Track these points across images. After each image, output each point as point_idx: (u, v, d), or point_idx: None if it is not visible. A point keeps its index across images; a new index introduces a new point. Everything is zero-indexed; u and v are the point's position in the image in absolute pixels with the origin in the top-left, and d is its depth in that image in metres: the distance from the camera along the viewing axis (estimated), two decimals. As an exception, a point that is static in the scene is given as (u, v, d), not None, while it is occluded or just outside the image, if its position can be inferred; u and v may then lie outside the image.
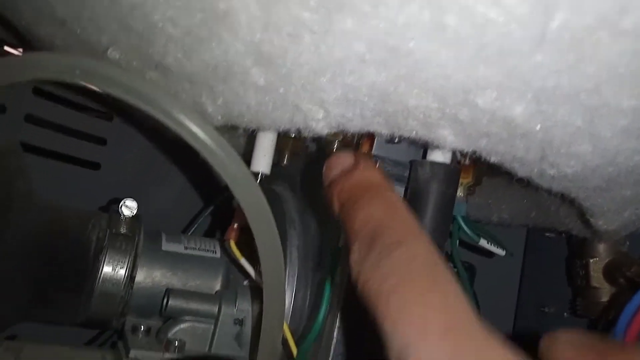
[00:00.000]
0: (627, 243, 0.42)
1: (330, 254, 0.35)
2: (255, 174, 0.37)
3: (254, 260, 0.40)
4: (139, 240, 0.43)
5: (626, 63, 0.18)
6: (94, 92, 0.28)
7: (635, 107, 0.20)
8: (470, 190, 0.38)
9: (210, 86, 0.25)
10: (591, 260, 0.42)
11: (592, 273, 0.42)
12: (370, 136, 0.35)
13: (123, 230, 0.42)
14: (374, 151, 0.34)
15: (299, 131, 0.25)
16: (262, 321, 0.34)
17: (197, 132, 0.27)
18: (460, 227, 0.37)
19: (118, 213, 0.43)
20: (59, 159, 0.53)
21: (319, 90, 0.22)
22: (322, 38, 0.20)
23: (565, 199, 0.38)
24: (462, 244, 0.40)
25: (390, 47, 0.20)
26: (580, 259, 0.44)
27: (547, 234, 0.56)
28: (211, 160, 0.28)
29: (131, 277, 0.41)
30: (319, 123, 0.24)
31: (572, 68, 0.19)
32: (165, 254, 0.44)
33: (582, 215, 0.33)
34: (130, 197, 0.43)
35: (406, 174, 0.36)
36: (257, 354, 0.35)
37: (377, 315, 0.18)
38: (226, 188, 0.36)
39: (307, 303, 0.41)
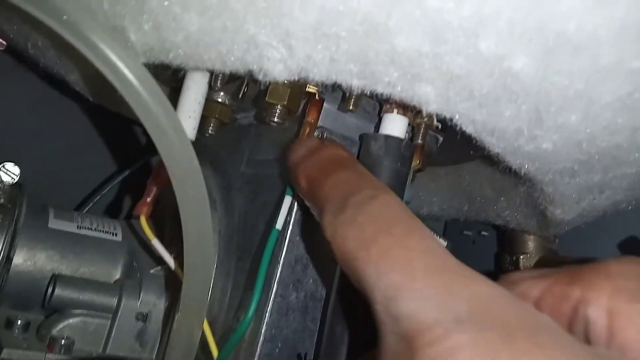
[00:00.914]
0: (557, 241, 0.42)
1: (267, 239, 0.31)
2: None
3: (165, 242, 0.34)
4: (19, 213, 0.37)
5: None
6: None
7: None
8: (413, 176, 0.35)
9: (136, 4, 0.19)
10: (521, 257, 0.42)
11: (522, 269, 0.42)
12: (318, 104, 0.31)
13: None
14: (320, 122, 0.30)
15: (249, 74, 0.20)
16: (179, 316, 0.28)
17: (117, 64, 0.21)
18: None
19: None
20: None
21: (286, 16, 0.17)
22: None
23: (511, 190, 0.36)
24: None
25: (385, -35, 0.16)
26: (510, 254, 0.43)
27: (465, 232, 0.56)
28: (134, 104, 0.22)
29: (7, 258, 0.35)
30: (277, 65, 0.19)
31: (599, 6, 0.16)
32: (52, 233, 0.38)
33: (532, 205, 0.32)
34: (11, 161, 0.37)
35: (354, 150, 0.32)
36: (166, 355, 0.29)
37: (357, 269, 0.18)
38: (135, 155, 0.30)
39: (227, 296, 0.35)
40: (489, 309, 0.15)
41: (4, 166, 0.37)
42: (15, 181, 0.37)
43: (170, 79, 0.29)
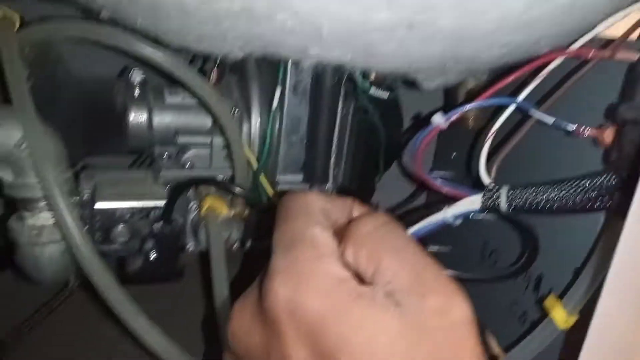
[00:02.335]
0: (485, 75, 0.58)
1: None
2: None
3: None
4: (149, 98, 0.60)
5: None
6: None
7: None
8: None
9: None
10: (459, 87, 0.58)
11: (458, 94, 0.59)
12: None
13: (136, 92, 0.59)
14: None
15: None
16: (231, 148, 0.55)
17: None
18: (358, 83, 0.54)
19: (130, 80, 0.59)
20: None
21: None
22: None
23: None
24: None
25: None
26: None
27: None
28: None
29: (150, 124, 0.58)
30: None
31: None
32: (169, 105, 0.60)
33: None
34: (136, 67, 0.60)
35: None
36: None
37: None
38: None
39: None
40: (299, 266, 0.24)
41: (133, 72, 0.62)
42: (141, 79, 0.63)
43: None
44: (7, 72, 0.41)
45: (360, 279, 0.24)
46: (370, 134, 0.60)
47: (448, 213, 0.47)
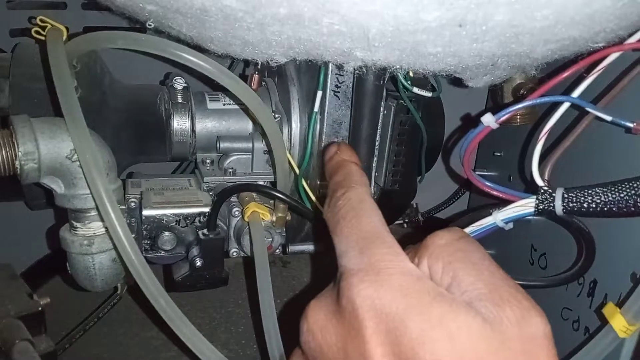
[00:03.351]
0: (535, 71, 0.57)
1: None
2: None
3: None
4: (191, 104, 0.61)
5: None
6: None
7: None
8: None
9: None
10: (504, 84, 0.58)
11: (505, 92, 0.58)
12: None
13: (179, 99, 0.60)
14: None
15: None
16: (274, 154, 0.55)
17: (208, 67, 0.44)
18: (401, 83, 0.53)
19: (173, 87, 0.60)
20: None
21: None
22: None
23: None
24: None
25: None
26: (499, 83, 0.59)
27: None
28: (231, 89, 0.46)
29: (192, 130, 0.59)
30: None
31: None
32: (211, 111, 0.62)
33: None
34: (178, 75, 0.61)
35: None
36: (276, 171, 0.57)
37: (332, 236, 0.28)
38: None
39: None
40: (376, 264, 0.24)
41: (176, 80, 0.63)
42: (183, 86, 0.63)
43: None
44: (57, 84, 0.42)
45: None
46: (412, 135, 0.58)
47: (498, 217, 0.46)
